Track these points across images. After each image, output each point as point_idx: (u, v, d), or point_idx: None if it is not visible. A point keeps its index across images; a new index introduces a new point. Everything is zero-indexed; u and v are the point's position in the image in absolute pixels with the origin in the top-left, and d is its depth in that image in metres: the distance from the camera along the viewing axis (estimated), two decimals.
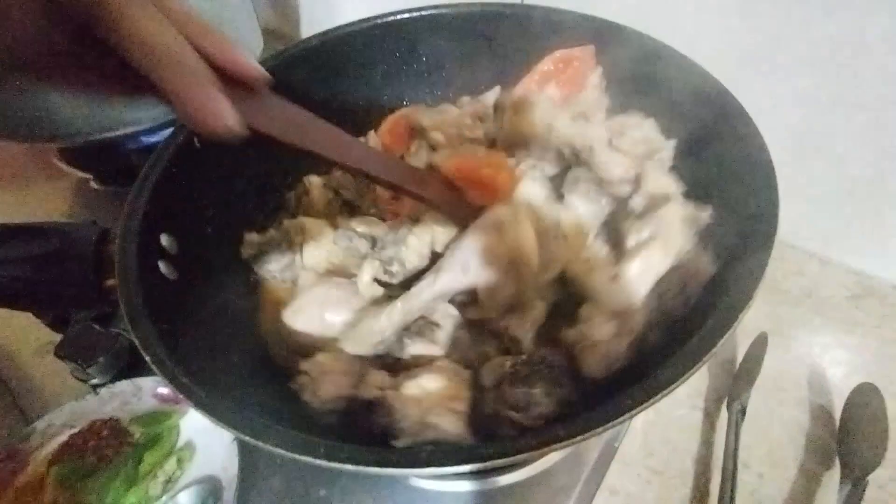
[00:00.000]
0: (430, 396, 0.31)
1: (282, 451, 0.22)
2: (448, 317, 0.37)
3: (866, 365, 0.47)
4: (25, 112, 0.56)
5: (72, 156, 0.72)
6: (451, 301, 0.38)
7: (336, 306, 0.38)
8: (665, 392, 0.23)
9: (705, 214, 0.36)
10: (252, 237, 0.42)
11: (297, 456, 0.21)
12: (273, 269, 0.42)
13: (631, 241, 0.35)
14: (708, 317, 0.26)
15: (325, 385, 0.33)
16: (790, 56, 0.45)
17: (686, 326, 0.32)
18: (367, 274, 0.39)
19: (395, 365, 0.37)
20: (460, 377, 0.34)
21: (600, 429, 0.22)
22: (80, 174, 0.71)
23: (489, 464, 0.21)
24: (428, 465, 0.22)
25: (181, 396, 0.23)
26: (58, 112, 0.56)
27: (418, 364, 0.35)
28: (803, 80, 0.46)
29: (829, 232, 0.55)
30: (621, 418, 0.22)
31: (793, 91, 0.47)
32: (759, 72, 0.47)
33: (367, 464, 0.22)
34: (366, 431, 0.32)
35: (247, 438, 0.22)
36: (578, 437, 0.22)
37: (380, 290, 0.40)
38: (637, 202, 0.37)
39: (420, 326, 0.36)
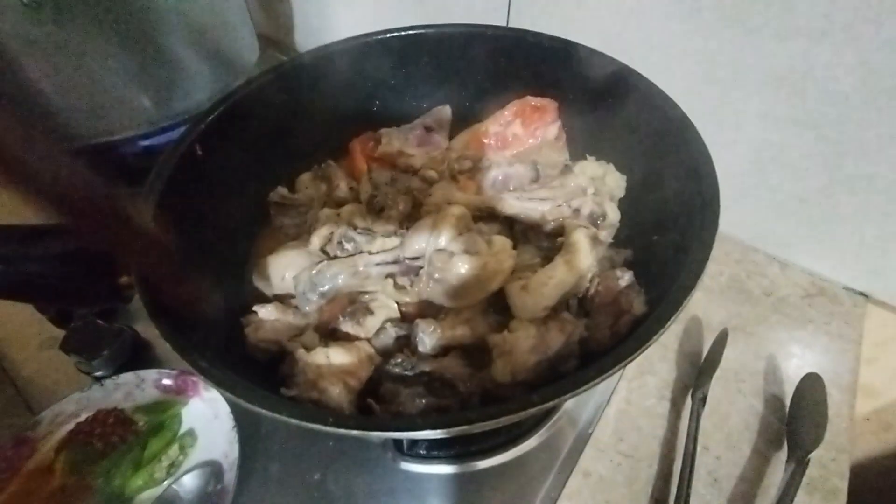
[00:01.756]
0: (332, 366, 0.36)
1: (296, 421, 0.25)
2: (384, 307, 0.42)
3: (815, 357, 0.52)
4: (22, 116, 0.58)
5: None
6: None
7: (296, 269, 0.43)
8: (624, 363, 0.27)
9: (604, 234, 0.43)
10: (282, 190, 0.51)
11: (308, 424, 0.24)
12: (287, 222, 0.50)
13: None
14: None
15: (265, 327, 0.39)
16: (750, 78, 0.49)
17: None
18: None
19: (331, 335, 0.42)
20: (370, 361, 0.39)
21: (568, 395, 0.26)
22: None
23: (476, 426, 0.25)
24: (423, 428, 0.25)
25: (203, 379, 0.26)
26: (55, 116, 0.58)
27: (346, 338, 0.41)
28: (761, 99, 0.50)
29: (787, 237, 0.59)
30: (586, 386, 0.26)
31: (753, 109, 0.51)
32: (724, 92, 0.51)
33: (369, 429, 0.25)
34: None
35: (265, 412, 0.25)
36: (549, 402, 0.26)
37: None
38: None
39: (355, 310, 0.41)
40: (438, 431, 0.25)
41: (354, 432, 0.24)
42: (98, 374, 0.49)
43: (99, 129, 0.60)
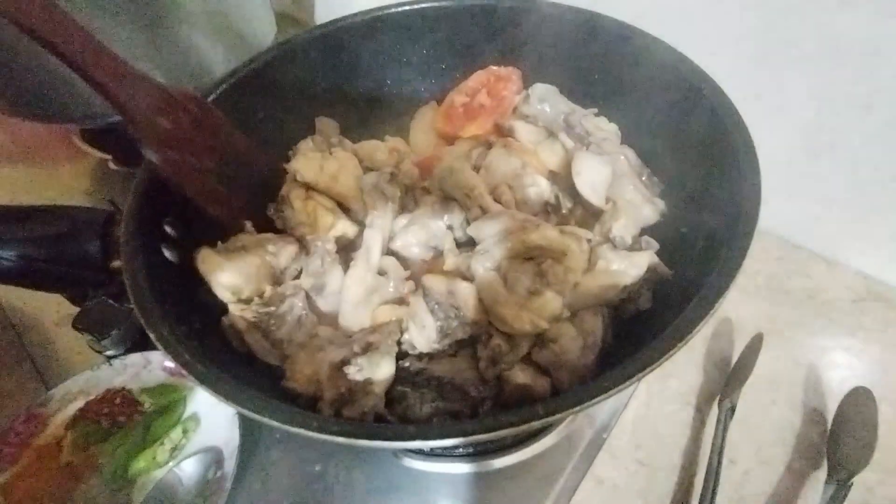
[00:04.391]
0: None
1: (277, 424, 0.23)
2: None
3: (865, 369, 0.47)
4: (49, 94, 0.58)
5: (93, 137, 0.75)
6: None
7: None
8: (644, 373, 0.24)
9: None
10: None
11: (290, 428, 0.23)
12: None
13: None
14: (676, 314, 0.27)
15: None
16: (803, 52, 0.44)
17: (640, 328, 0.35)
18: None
19: None
20: None
21: (577, 409, 0.24)
22: (100, 155, 0.73)
23: (472, 438, 0.23)
24: (414, 438, 0.23)
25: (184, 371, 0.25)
26: (80, 94, 0.58)
27: None
28: (816, 77, 0.44)
29: (837, 233, 0.54)
30: (597, 400, 0.24)
31: (805, 89, 0.46)
32: (772, 69, 0.46)
33: (357, 437, 0.23)
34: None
35: (246, 412, 0.23)
36: (553, 416, 0.23)
37: None
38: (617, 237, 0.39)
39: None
40: (432, 442, 0.23)
41: (339, 439, 0.22)
42: (109, 353, 0.49)
43: (112, 108, 0.60)
